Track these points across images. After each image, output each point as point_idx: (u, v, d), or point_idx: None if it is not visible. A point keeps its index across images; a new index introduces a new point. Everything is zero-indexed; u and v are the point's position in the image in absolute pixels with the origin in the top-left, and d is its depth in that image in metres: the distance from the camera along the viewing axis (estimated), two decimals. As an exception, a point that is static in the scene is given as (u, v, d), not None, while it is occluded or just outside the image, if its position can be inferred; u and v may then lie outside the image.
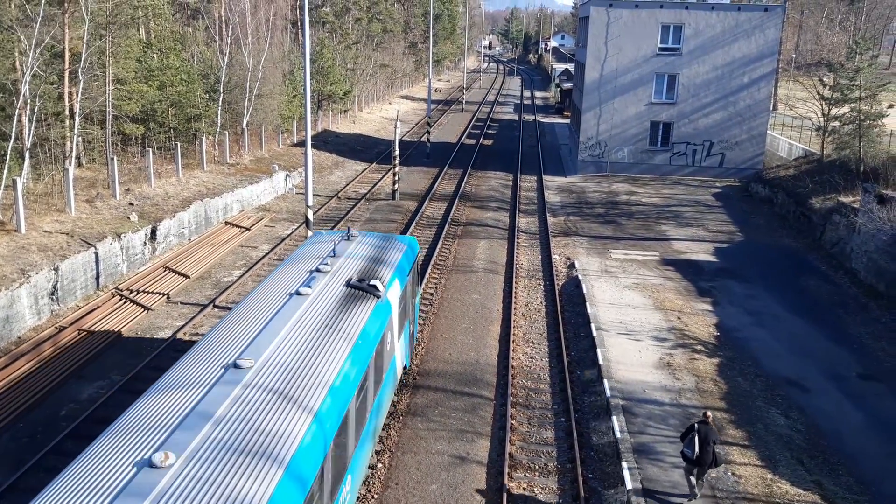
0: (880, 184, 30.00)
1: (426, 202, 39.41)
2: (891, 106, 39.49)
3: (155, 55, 38.95)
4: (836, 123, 39.70)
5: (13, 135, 27.02)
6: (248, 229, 33.33)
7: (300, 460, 9.48)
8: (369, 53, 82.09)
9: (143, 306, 23.76)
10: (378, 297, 15.00)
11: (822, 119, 40.90)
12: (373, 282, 15.30)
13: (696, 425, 14.86)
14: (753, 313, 25.51)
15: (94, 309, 22.85)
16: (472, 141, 63.11)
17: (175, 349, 21.01)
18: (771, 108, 49.43)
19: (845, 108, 39.33)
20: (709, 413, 15.30)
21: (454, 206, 38.57)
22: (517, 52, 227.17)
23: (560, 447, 17.02)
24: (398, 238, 19.08)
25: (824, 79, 41.78)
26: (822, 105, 40.68)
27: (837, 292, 27.89)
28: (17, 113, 27.63)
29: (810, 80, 43.27)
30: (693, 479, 15.05)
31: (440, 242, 31.81)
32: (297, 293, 14.07)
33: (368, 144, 58.51)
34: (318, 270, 15.40)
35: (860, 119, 37.73)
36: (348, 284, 14.99)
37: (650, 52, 45.70)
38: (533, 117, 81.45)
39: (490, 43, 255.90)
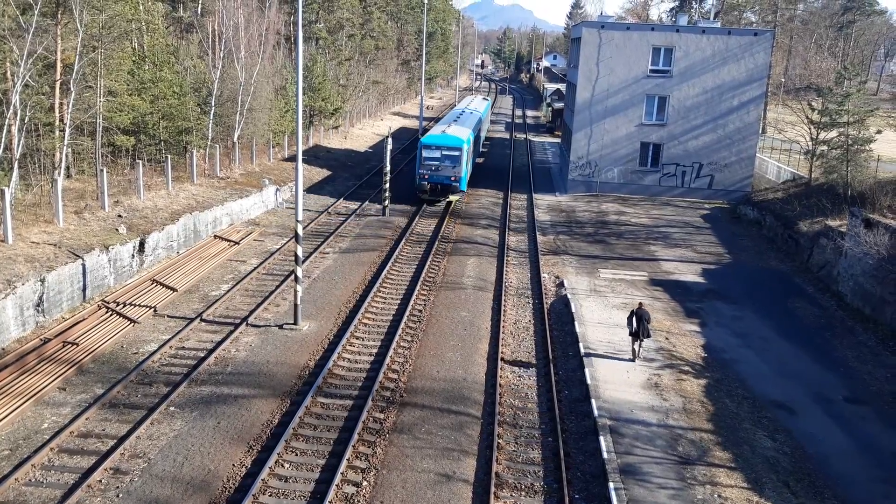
0: (867, 208, 30.23)
1: (416, 219, 39.43)
2: (878, 131, 39.84)
3: (147, 68, 38.95)
4: (825, 147, 40.00)
5: (2, 145, 26.91)
6: (237, 243, 33.23)
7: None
8: (362, 70, 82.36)
9: (129, 319, 23.60)
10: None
11: (810, 143, 41.24)
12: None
13: (634, 311, 22.19)
14: (741, 335, 25.57)
15: (80, 321, 22.68)
16: (464, 158, 63.23)
17: (161, 362, 20.88)
18: (760, 132, 49.84)
19: (833, 133, 39.66)
20: (642, 302, 24.00)
21: (444, 223, 38.62)
22: (509, 71, 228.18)
23: (547, 467, 16.95)
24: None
25: (813, 103, 42.16)
26: (810, 129, 41.04)
27: (824, 315, 28.02)
28: (6, 123, 27.53)
29: (799, 105, 43.67)
30: (635, 348, 22.47)
31: (429, 259, 31.80)
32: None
33: (360, 160, 58.59)
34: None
35: (848, 144, 38.06)
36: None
37: (641, 73, 46.07)
38: (524, 136, 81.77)
39: (482, 62, 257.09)
